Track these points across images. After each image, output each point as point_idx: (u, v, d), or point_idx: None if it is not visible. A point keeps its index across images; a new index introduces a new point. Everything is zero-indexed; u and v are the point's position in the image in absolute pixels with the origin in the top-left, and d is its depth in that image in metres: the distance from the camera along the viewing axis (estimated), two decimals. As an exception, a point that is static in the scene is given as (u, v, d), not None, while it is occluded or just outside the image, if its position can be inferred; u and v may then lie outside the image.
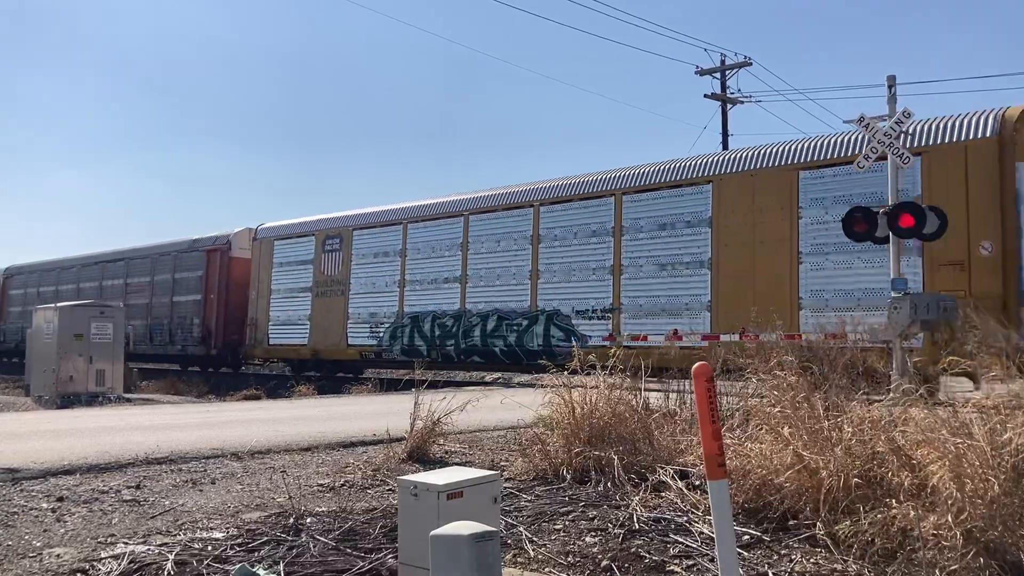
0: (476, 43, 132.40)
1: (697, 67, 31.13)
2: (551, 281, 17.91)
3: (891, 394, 5.88)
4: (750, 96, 31.37)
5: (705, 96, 30.74)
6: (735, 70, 30.63)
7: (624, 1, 63.58)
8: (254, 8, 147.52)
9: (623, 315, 16.62)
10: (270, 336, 23.84)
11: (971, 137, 12.91)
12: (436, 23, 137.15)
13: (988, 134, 12.75)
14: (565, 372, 6.53)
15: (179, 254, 26.76)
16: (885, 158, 10.60)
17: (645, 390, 6.86)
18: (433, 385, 7.70)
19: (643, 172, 17.00)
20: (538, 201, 18.39)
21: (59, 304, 20.54)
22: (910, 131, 11.94)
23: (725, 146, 29.62)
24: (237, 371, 25.92)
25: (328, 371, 22.80)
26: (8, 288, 35.66)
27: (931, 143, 13.25)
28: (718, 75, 30.68)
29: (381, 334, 20.83)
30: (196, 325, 25.38)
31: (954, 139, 13.08)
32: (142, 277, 28.17)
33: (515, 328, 18.18)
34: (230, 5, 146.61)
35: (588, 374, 6.54)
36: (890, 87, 10.64)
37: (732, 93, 30.78)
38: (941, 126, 13.31)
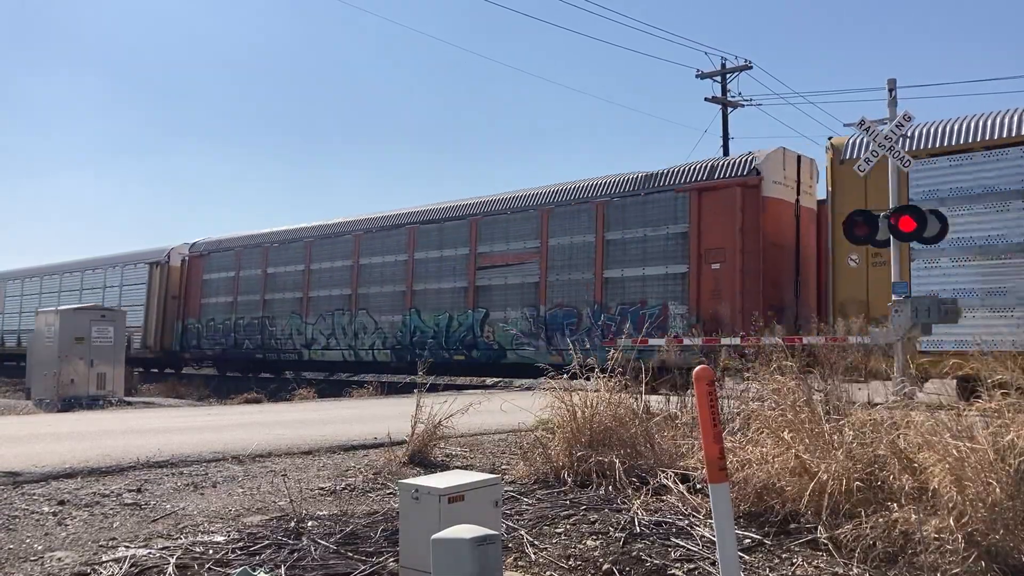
0: (476, 46, 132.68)
1: (698, 71, 31.24)
2: None
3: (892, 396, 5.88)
4: (750, 99, 31.42)
5: (706, 99, 30.84)
6: (735, 74, 30.68)
7: (625, 5, 63.70)
8: (255, 12, 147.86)
9: None
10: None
11: None
12: (437, 26, 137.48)
13: None
14: (565, 376, 6.53)
15: (615, 200, 16.56)
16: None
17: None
18: (434, 388, 7.70)
19: None
20: None
21: (60, 308, 20.50)
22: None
23: (726, 150, 29.64)
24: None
25: None
26: (198, 271, 24.94)
27: None
28: (719, 79, 30.74)
29: None
30: (679, 316, 15.61)
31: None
32: (519, 242, 17.93)
33: None
34: (231, 9, 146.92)
35: (587, 378, 6.54)
36: (891, 91, 10.65)
37: (732, 96, 30.82)
38: None
